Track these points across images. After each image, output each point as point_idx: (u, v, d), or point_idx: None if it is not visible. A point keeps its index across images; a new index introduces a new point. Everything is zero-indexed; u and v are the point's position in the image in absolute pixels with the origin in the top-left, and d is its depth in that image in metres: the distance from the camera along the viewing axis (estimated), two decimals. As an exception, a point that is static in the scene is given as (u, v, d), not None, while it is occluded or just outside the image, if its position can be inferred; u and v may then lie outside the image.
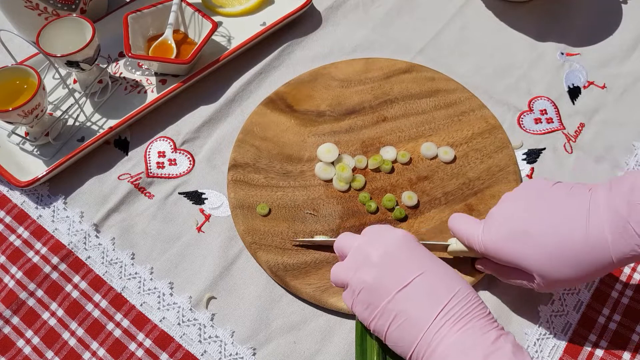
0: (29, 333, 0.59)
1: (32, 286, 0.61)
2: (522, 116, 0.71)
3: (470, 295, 0.46)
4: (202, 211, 0.65)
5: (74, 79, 0.73)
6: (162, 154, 0.69)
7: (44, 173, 0.65)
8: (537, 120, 0.71)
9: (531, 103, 0.72)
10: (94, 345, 0.58)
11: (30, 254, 0.63)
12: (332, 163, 0.66)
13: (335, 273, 0.51)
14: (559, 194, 0.50)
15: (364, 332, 0.52)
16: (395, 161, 0.66)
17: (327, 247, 0.61)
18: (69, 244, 0.63)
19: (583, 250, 0.47)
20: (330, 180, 0.66)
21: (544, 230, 0.49)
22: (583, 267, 0.48)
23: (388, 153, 0.67)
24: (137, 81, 0.74)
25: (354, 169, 0.66)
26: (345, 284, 0.50)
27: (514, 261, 0.50)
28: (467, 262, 0.59)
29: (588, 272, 0.48)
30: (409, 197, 0.63)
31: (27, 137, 0.69)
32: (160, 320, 0.59)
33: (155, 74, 0.75)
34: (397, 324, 0.46)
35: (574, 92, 0.73)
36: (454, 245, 0.57)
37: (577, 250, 0.47)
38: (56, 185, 0.67)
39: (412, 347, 0.45)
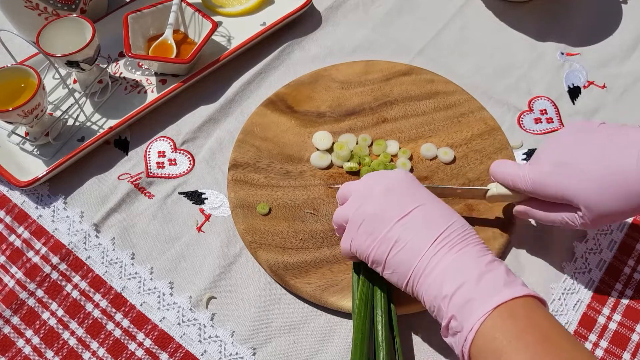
0: (29, 333, 0.59)
1: (32, 286, 0.61)
2: (522, 116, 0.71)
3: (465, 226, 0.48)
4: (202, 211, 0.65)
5: (74, 79, 0.73)
6: (162, 154, 0.69)
7: (44, 173, 0.65)
8: (537, 120, 0.71)
9: (531, 103, 0.72)
10: (94, 345, 0.58)
11: (30, 253, 0.63)
12: (328, 151, 0.67)
13: (337, 214, 0.54)
14: (607, 129, 0.51)
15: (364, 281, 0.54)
16: (395, 155, 0.67)
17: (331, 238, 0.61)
18: (69, 244, 0.63)
19: (632, 180, 0.47)
20: (327, 168, 0.66)
21: (593, 161, 0.49)
22: (632, 199, 0.48)
23: (391, 146, 0.67)
24: (137, 81, 0.74)
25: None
26: (345, 221, 0.52)
27: (561, 194, 0.51)
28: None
29: (636, 205, 0.48)
30: (402, 164, 0.65)
31: (27, 137, 0.69)
32: (160, 320, 0.59)
33: (155, 74, 0.75)
34: (397, 251, 0.48)
35: (574, 92, 0.73)
36: (494, 189, 0.57)
37: (627, 182, 0.47)
38: (56, 185, 0.67)
39: (410, 272, 0.47)
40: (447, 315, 0.45)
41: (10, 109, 0.61)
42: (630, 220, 0.63)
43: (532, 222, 0.63)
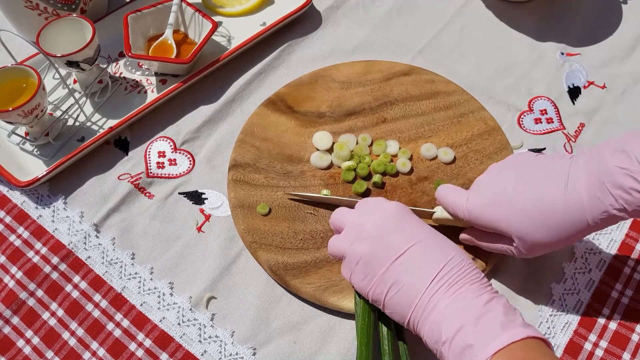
0: (29, 333, 0.59)
1: (32, 286, 0.61)
2: (522, 116, 0.71)
3: (464, 261, 0.47)
4: (202, 211, 0.65)
5: (74, 79, 0.73)
6: (162, 154, 0.69)
7: (44, 173, 0.65)
8: (537, 120, 0.71)
9: (531, 103, 0.72)
10: (94, 345, 0.58)
11: (30, 254, 0.63)
12: (328, 151, 0.67)
13: (332, 246, 0.53)
14: (541, 162, 0.52)
15: (365, 307, 0.53)
16: (395, 155, 0.67)
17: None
18: (69, 244, 0.63)
19: (560, 213, 0.49)
20: (327, 168, 0.66)
21: (524, 195, 0.50)
22: (561, 229, 0.49)
23: (391, 146, 0.67)
24: (137, 81, 0.74)
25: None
26: (342, 256, 0.52)
27: (495, 226, 0.52)
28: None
29: (566, 235, 0.50)
30: (402, 164, 0.66)
31: (27, 137, 0.69)
32: (160, 320, 0.59)
33: (155, 74, 0.75)
34: (394, 292, 0.48)
35: (574, 92, 0.73)
36: (439, 213, 0.59)
37: (554, 213, 0.49)
38: (56, 185, 0.67)
39: (409, 314, 0.47)
40: None
41: (11, 109, 0.61)
42: (630, 220, 0.63)
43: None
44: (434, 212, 0.59)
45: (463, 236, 0.58)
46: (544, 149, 0.68)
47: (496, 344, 0.42)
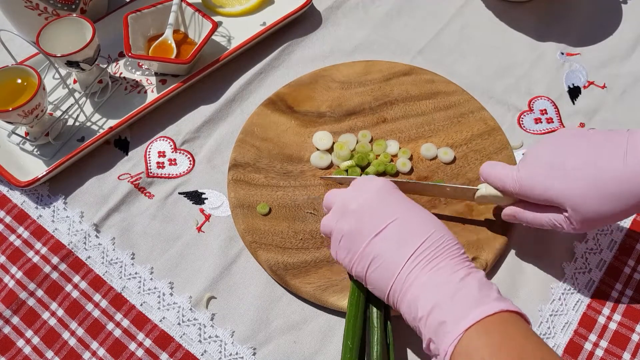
0: (29, 333, 0.59)
1: (32, 286, 0.61)
2: (522, 116, 0.71)
3: (444, 237, 0.48)
4: (202, 211, 0.65)
5: (74, 79, 0.73)
6: (162, 154, 0.69)
7: (44, 173, 0.65)
8: (537, 120, 0.71)
9: (531, 103, 0.72)
10: (94, 345, 0.58)
11: (30, 254, 0.63)
12: (328, 151, 0.67)
13: (323, 224, 0.54)
14: (597, 134, 0.51)
15: (358, 308, 0.53)
16: (395, 155, 0.67)
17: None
18: (69, 244, 0.63)
19: (619, 180, 0.47)
20: (327, 168, 0.66)
21: (581, 164, 0.49)
22: (618, 198, 0.48)
23: (391, 146, 0.67)
24: (137, 81, 0.74)
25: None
26: (329, 232, 0.53)
27: (548, 195, 0.51)
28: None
29: (622, 205, 0.48)
30: (403, 164, 0.66)
31: (27, 137, 0.69)
32: (160, 320, 0.59)
33: (155, 74, 0.75)
34: (374, 267, 0.48)
35: (574, 92, 0.73)
36: (484, 190, 0.57)
37: (613, 181, 0.48)
38: (56, 185, 0.67)
39: (388, 289, 0.48)
40: (426, 337, 0.45)
41: (11, 109, 0.61)
42: (630, 220, 0.63)
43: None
44: (477, 189, 0.58)
45: (507, 210, 0.57)
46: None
47: (469, 320, 0.42)
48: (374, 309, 0.53)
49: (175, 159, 0.69)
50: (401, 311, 0.47)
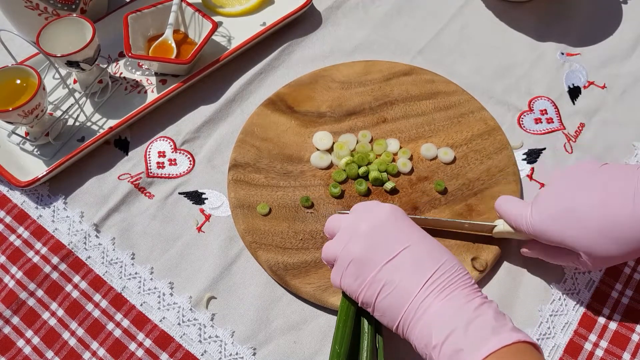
0: (29, 333, 0.59)
1: (32, 286, 0.61)
2: (522, 116, 0.71)
3: (456, 266, 0.47)
4: (202, 211, 0.65)
5: (74, 79, 0.73)
6: (162, 154, 0.69)
7: (44, 173, 0.65)
8: (537, 120, 0.71)
9: (531, 103, 0.72)
10: (94, 345, 0.58)
11: (30, 254, 0.63)
12: (328, 151, 0.67)
13: (325, 250, 0.53)
14: (607, 173, 0.52)
15: (349, 313, 0.52)
16: (396, 154, 0.67)
17: None
18: (69, 244, 0.63)
19: (628, 227, 0.48)
20: (327, 168, 0.66)
21: (591, 208, 0.50)
22: (629, 243, 0.49)
23: (392, 145, 0.67)
24: (137, 81, 0.74)
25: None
26: (334, 259, 0.51)
27: (560, 240, 0.52)
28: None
29: (634, 249, 0.49)
30: (403, 164, 0.66)
31: (27, 137, 0.69)
32: (160, 320, 0.59)
33: (155, 74, 0.75)
34: (385, 294, 0.47)
35: (574, 92, 0.73)
36: (501, 226, 0.58)
37: (622, 227, 0.49)
38: (56, 185, 0.67)
39: (399, 317, 0.47)
40: None
41: (11, 109, 0.61)
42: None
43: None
44: (495, 225, 0.59)
45: (525, 250, 0.58)
46: (544, 149, 0.68)
47: (486, 348, 0.42)
48: (365, 316, 0.52)
49: (175, 159, 0.69)
50: (411, 339, 0.47)
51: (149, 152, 0.69)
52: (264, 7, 0.81)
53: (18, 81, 0.65)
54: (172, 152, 0.70)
